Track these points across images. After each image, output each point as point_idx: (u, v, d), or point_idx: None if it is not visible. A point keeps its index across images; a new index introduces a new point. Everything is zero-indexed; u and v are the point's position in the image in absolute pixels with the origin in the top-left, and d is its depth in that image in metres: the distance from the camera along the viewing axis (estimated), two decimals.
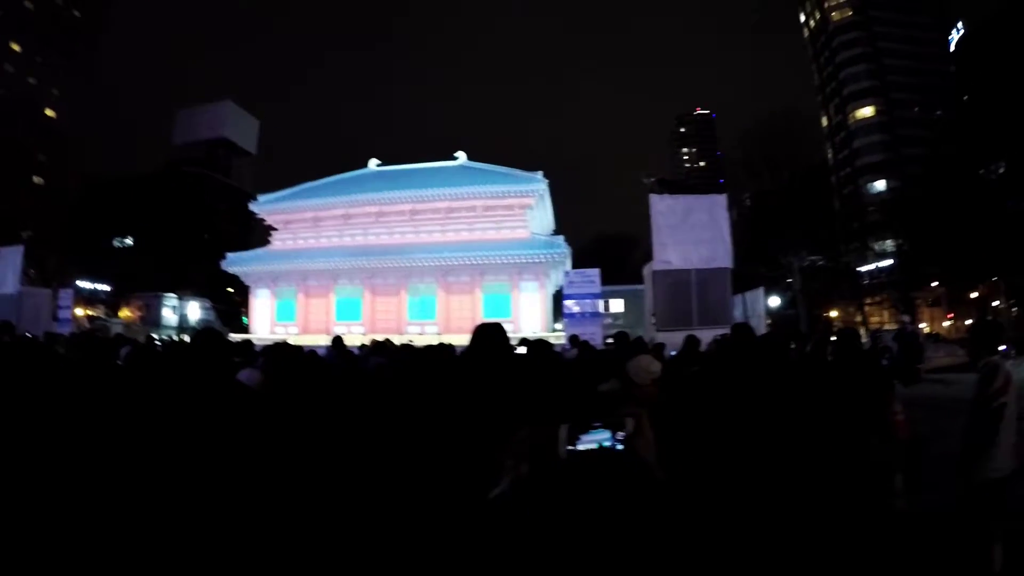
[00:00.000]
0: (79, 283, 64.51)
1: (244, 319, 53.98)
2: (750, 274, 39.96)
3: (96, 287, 75.30)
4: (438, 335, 33.39)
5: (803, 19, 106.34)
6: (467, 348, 3.98)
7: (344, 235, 42.24)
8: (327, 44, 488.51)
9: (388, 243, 40.57)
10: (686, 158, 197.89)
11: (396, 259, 38.93)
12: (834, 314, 66.71)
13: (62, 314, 32.00)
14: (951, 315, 64.62)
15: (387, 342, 11.01)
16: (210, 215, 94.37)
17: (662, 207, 22.29)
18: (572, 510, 2.08)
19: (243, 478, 3.42)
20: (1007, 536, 5.03)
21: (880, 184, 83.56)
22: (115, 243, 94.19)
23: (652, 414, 2.58)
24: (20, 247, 30.96)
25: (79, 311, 54.33)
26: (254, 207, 44.49)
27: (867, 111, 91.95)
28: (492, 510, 2.16)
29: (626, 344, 9.47)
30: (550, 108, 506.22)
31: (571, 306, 25.44)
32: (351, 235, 42.02)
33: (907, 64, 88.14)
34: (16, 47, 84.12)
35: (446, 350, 7.58)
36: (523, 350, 7.69)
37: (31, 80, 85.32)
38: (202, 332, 5.30)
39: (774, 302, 49.63)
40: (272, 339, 26.98)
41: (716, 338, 11.10)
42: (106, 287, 76.52)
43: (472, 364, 3.83)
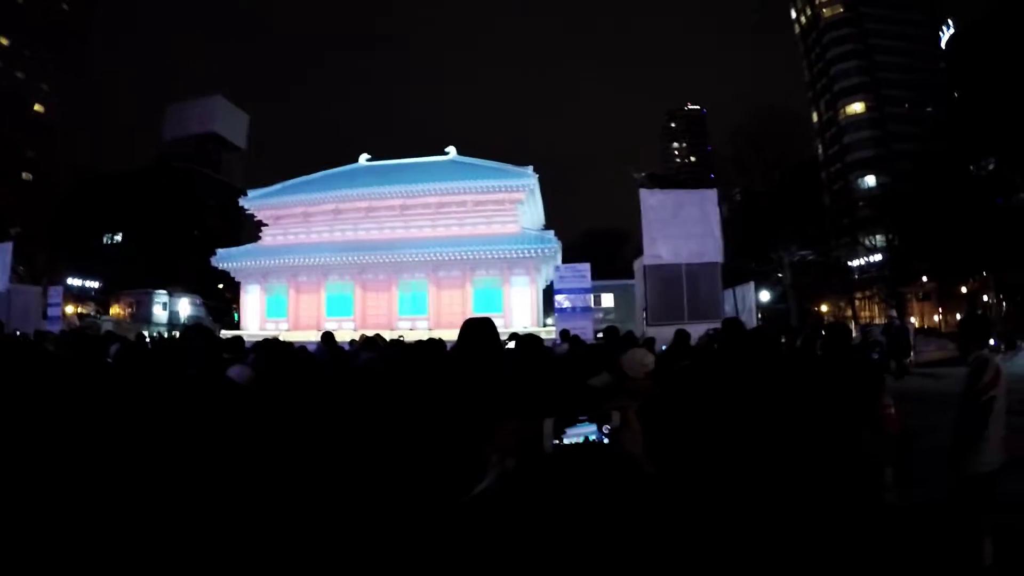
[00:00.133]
0: (69, 280, 64.41)
1: (235, 315, 53.90)
2: (741, 269, 39.97)
3: (86, 284, 75.20)
4: (429, 330, 33.33)
5: (794, 16, 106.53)
6: (456, 343, 3.98)
7: (334, 230, 42.06)
8: (322, 42, 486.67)
9: (378, 238, 40.41)
10: (676, 153, 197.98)
11: (386, 254, 38.79)
12: (824, 308, 67.03)
13: (52, 312, 31.88)
14: (941, 310, 64.90)
15: (377, 337, 10.97)
16: (200, 211, 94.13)
17: (652, 202, 22.30)
18: (558, 504, 2.07)
19: (233, 475, 3.41)
20: (997, 530, 5.05)
21: (870, 179, 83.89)
22: (105, 240, 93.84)
23: (642, 407, 2.57)
24: (8, 244, 30.82)
25: (69, 308, 54.20)
26: (244, 202, 44.23)
27: (858, 107, 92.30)
28: (478, 505, 2.15)
29: (617, 338, 9.48)
30: (544, 105, 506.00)
31: (562, 301, 25.39)
32: (341, 230, 41.84)
33: (898, 61, 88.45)
34: (4, 41, 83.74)
35: (436, 345, 7.56)
36: (513, 345, 7.69)
37: (19, 75, 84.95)
38: (191, 329, 5.29)
39: (765, 297, 49.80)
40: (263, 335, 26.92)
41: (708, 332, 11.14)
42: (96, 284, 76.38)
43: (460, 358, 3.83)
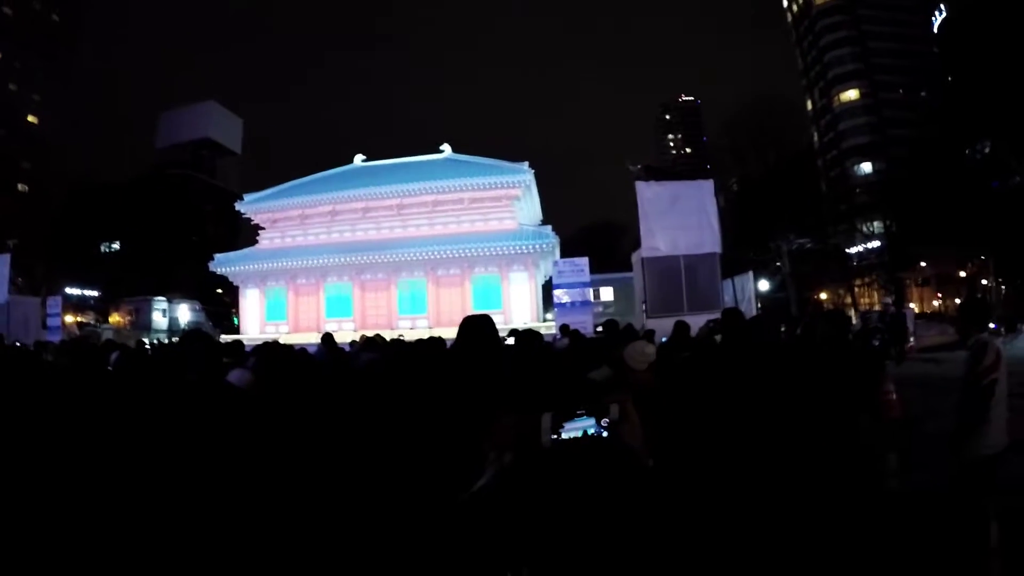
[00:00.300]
0: (67, 290, 64.38)
1: (235, 319, 53.84)
2: (739, 259, 40.00)
3: (85, 293, 75.12)
4: (429, 329, 33.35)
5: (786, 3, 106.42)
6: (455, 341, 3.97)
7: (332, 231, 42.01)
8: (322, 42, 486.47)
9: (376, 238, 40.38)
10: (672, 145, 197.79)
11: (384, 254, 38.73)
12: (824, 296, 66.97)
13: (51, 322, 31.94)
14: (940, 294, 64.95)
15: (377, 337, 10.97)
16: (197, 217, 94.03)
17: (649, 194, 22.32)
18: (557, 499, 2.06)
19: (235, 479, 3.40)
20: (1002, 513, 5.05)
21: (866, 166, 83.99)
22: (102, 248, 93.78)
23: (642, 400, 2.55)
24: (6, 256, 30.88)
25: (68, 318, 54.24)
26: (240, 207, 44.12)
27: (852, 94, 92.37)
28: (477, 502, 2.14)
29: (616, 332, 9.47)
30: (542, 102, 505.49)
31: (561, 296, 25.40)
32: (339, 231, 41.79)
33: (891, 46, 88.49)
34: None
35: (436, 343, 7.55)
36: (512, 341, 7.68)
37: (11, 87, 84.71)
38: (190, 334, 5.27)
39: (764, 286, 49.81)
40: (263, 338, 26.91)
41: (708, 323, 11.13)
42: (95, 293, 76.29)
43: (459, 356, 3.82)
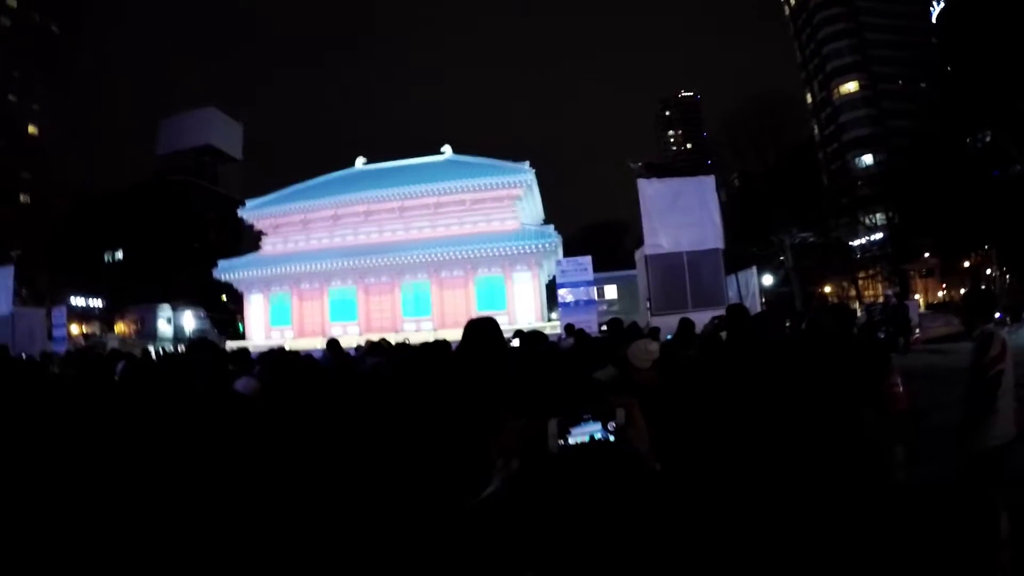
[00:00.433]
0: (72, 300, 64.50)
1: (239, 325, 53.89)
2: (742, 254, 40.00)
3: (89, 303, 75.26)
4: (434, 331, 33.38)
5: None
6: (459, 344, 3.97)
7: (335, 236, 42.04)
8: (320, 44, 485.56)
9: (379, 241, 40.39)
10: (672, 141, 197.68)
11: (388, 257, 38.77)
12: (828, 289, 66.94)
13: (57, 332, 31.99)
14: (944, 285, 64.85)
15: (383, 341, 10.99)
16: (199, 223, 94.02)
17: (651, 191, 22.33)
18: (565, 505, 2.05)
19: (243, 489, 3.41)
20: (1013, 504, 5.04)
21: (867, 158, 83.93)
22: (106, 258, 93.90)
23: (647, 398, 2.55)
24: (10, 267, 30.91)
25: (74, 328, 54.30)
26: (242, 213, 44.17)
27: (851, 86, 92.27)
28: (486, 509, 2.13)
29: (620, 331, 9.46)
30: (540, 99, 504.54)
31: (565, 295, 25.40)
32: (341, 235, 41.82)
33: (889, 38, 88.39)
34: None
35: (441, 347, 7.54)
36: (517, 342, 7.67)
37: (11, 97, 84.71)
38: (195, 343, 5.29)
39: (768, 280, 49.76)
40: (268, 344, 26.95)
41: (713, 320, 11.13)
42: (99, 302, 76.43)
43: (464, 361, 3.82)
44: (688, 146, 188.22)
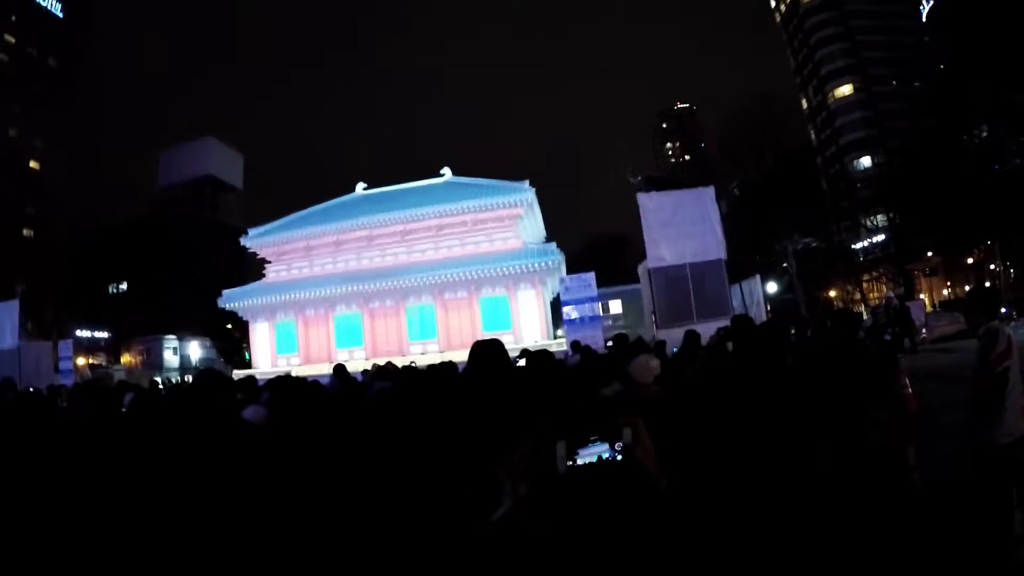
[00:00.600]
0: (78, 332, 64.60)
1: (246, 354, 53.93)
2: (745, 263, 40.06)
3: (95, 335, 75.36)
4: (440, 353, 33.37)
5: (773, 4, 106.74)
6: (466, 367, 3.98)
7: (338, 261, 42.12)
8: (320, 44, 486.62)
9: (382, 265, 40.48)
10: (671, 153, 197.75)
11: (392, 281, 38.81)
12: (833, 294, 66.84)
13: (63, 365, 32.03)
14: (949, 283, 64.76)
15: (389, 365, 10.97)
16: (202, 253, 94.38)
17: (651, 205, 22.36)
18: (576, 527, 2.06)
19: (255, 518, 3.41)
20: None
21: (866, 160, 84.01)
22: (111, 290, 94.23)
23: (652, 415, 2.56)
24: (15, 302, 31.04)
25: (80, 360, 54.34)
26: (245, 241, 44.25)
27: (846, 89, 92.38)
28: (496, 532, 2.14)
29: (626, 346, 9.45)
30: (539, 117, 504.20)
31: (570, 312, 25.43)
32: (345, 261, 41.90)
33: (881, 39, 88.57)
34: None
35: (448, 369, 7.54)
36: (524, 362, 7.67)
37: (12, 132, 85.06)
38: (203, 373, 5.29)
39: (772, 288, 49.69)
40: (275, 372, 26.96)
41: (718, 331, 11.13)
42: (105, 334, 76.57)
43: (471, 384, 3.83)
44: (687, 158, 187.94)
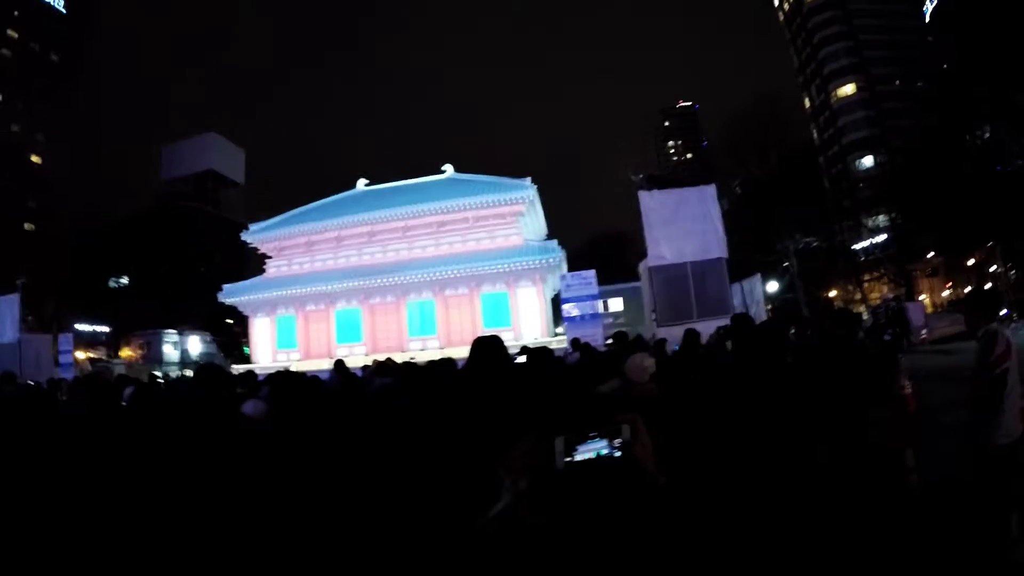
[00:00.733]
0: (78, 326, 64.50)
1: (245, 349, 53.88)
2: (746, 261, 40.05)
3: (95, 329, 75.29)
4: (440, 349, 33.41)
5: (777, 3, 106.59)
6: (466, 364, 3.99)
7: (339, 257, 42.18)
8: (321, 45, 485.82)
9: (383, 261, 40.54)
10: (673, 151, 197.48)
11: (392, 277, 38.88)
12: (833, 293, 66.81)
13: (63, 359, 32.06)
14: (950, 284, 64.71)
15: (389, 361, 10.98)
16: (204, 248, 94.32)
17: (652, 203, 22.32)
18: (575, 522, 2.07)
19: (254, 512, 3.42)
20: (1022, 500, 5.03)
21: (868, 160, 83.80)
22: (111, 283, 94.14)
23: (649, 412, 2.57)
24: (16, 295, 30.99)
25: (80, 354, 54.32)
26: (246, 236, 44.27)
27: (849, 89, 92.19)
28: (494, 528, 2.15)
29: (626, 344, 9.46)
30: (541, 115, 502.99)
31: (570, 309, 25.42)
32: (346, 256, 41.97)
33: (884, 39, 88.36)
34: None
35: (448, 365, 7.56)
36: (524, 359, 7.68)
37: (14, 127, 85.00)
38: (204, 368, 5.30)
39: (772, 287, 49.72)
40: (275, 367, 26.95)
41: (718, 330, 11.14)
42: (105, 328, 76.50)
43: (471, 380, 3.84)
44: (688, 156, 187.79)
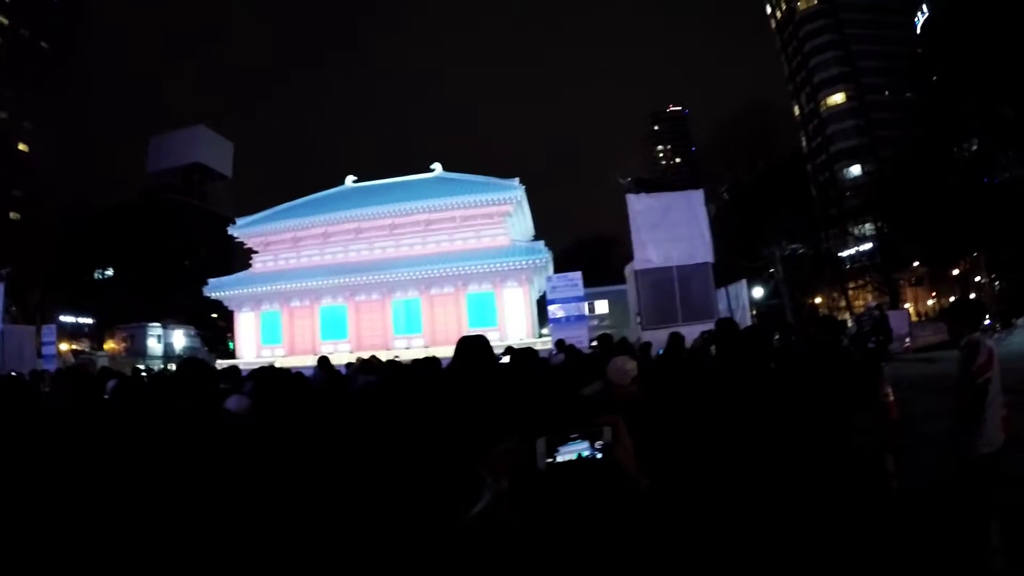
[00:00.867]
0: (62, 317, 64.07)
1: (230, 344, 53.67)
2: (732, 267, 40.17)
3: (79, 320, 74.84)
4: (425, 348, 33.35)
5: (769, 11, 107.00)
6: (450, 363, 3.98)
7: (325, 253, 42.06)
8: (320, 44, 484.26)
9: (369, 259, 40.44)
10: (661, 156, 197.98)
11: (378, 274, 38.76)
12: (819, 300, 67.10)
13: (46, 350, 31.87)
14: (934, 293, 65.11)
15: (373, 359, 10.95)
16: (190, 241, 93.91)
17: (640, 206, 22.36)
18: (555, 523, 2.07)
19: (235, 508, 3.40)
20: (1005, 510, 5.06)
21: (855, 169, 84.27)
22: (96, 275, 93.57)
23: (631, 415, 2.57)
24: (0, 285, 30.75)
25: (64, 346, 54.03)
26: (233, 231, 44.08)
27: (838, 97, 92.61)
28: (475, 527, 2.15)
29: (610, 346, 9.48)
30: (530, 117, 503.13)
31: (555, 311, 25.40)
32: (332, 253, 41.86)
33: (875, 49, 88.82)
34: None
35: (432, 364, 7.55)
36: (508, 359, 7.68)
37: (2, 114, 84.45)
38: (186, 362, 5.27)
39: (758, 293, 49.82)
40: (259, 362, 26.85)
41: (702, 334, 11.17)
42: (89, 320, 76.06)
43: (455, 380, 3.84)
44: (677, 160, 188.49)
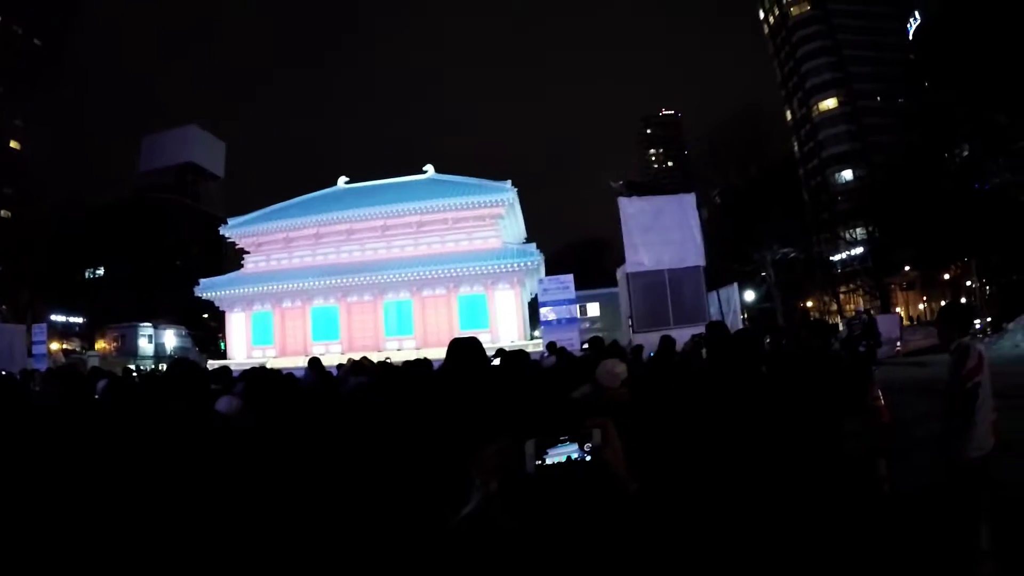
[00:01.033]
0: (52, 316, 63.91)
1: (221, 344, 53.57)
2: (724, 270, 40.26)
3: (70, 320, 74.66)
4: (416, 349, 33.32)
5: (762, 16, 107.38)
6: (442, 365, 3.98)
7: (317, 254, 42.01)
8: (319, 44, 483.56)
9: (361, 260, 40.39)
10: (654, 159, 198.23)
11: (370, 275, 38.73)
12: (810, 304, 67.32)
13: (37, 349, 31.79)
14: (925, 298, 65.38)
15: (364, 360, 10.93)
16: (181, 241, 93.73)
17: (631, 210, 22.37)
18: (543, 525, 2.07)
19: (225, 511, 3.40)
20: (995, 514, 5.08)
21: (847, 174, 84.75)
22: (87, 274, 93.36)
23: (620, 418, 2.57)
24: None
25: (54, 345, 53.86)
26: (224, 231, 43.95)
27: (830, 103, 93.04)
28: (464, 529, 2.15)
29: (602, 349, 9.49)
30: (522, 118, 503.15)
31: (547, 313, 25.38)
32: (324, 254, 41.81)
33: (867, 55, 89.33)
34: None
35: (423, 365, 7.55)
36: (499, 362, 7.69)
37: None
38: (178, 363, 5.26)
39: (750, 296, 49.92)
40: (250, 363, 26.80)
41: (693, 337, 11.19)
42: (80, 319, 75.89)
43: (447, 381, 3.83)
44: (669, 164, 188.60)
